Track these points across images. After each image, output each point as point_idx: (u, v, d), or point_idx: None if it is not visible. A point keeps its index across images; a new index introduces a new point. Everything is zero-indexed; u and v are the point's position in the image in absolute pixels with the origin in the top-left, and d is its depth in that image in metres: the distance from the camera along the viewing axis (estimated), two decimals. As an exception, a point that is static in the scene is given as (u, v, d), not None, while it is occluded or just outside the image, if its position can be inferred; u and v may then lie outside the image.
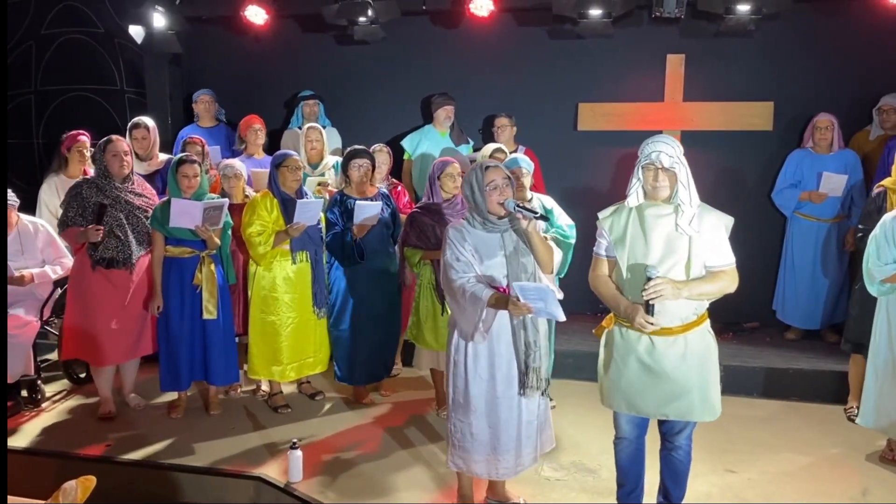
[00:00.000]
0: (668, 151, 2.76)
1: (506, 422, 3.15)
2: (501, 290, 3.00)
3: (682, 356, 2.85)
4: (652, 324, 2.79)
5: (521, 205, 2.99)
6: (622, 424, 3.09)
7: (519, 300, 2.84)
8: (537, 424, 3.24)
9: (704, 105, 5.57)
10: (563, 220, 4.24)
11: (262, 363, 4.45)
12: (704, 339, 2.90)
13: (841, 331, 4.59)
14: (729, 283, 2.82)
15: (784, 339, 5.44)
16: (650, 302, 2.71)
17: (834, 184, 5.03)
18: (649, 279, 2.70)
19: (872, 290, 3.77)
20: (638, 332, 2.87)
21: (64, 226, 4.31)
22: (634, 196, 2.87)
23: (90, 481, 2.19)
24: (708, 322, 2.94)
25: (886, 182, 4.24)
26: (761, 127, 5.49)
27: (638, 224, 2.85)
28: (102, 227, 4.20)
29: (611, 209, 2.98)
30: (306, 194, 4.46)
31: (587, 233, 4.33)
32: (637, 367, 2.90)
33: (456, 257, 3.04)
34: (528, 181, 4.21)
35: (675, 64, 5.57)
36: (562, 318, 2.86)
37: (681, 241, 2.79)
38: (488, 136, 5.76)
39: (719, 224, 2.83)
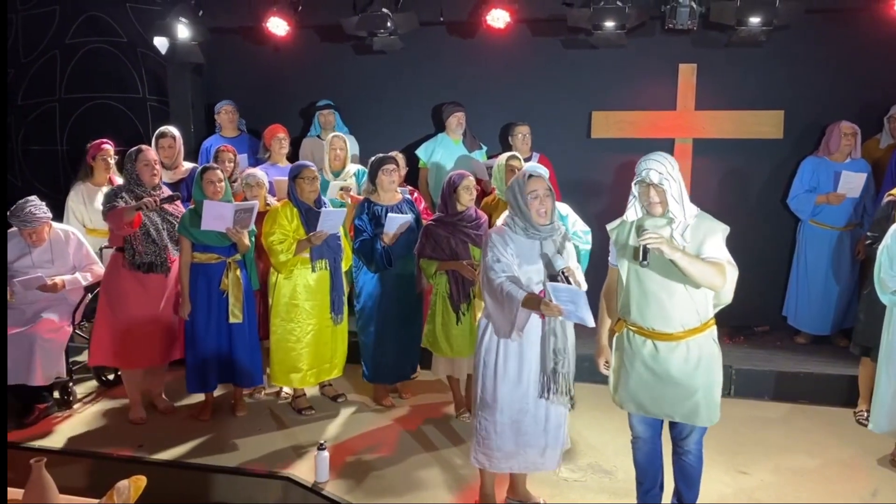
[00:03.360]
0: (658, 168, 2.86)
1: (532, 423, 3.28)
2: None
3: (684, 360, 2.95)
4: (607, 364, 3.17)
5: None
6: (635, 425, 3.22)
7: (551, 301, 2.95)
8: (559, 427, 3.37)
9: (716, 114, 5.67)
10: (579, 226, 4.35)
11: (282, 370, 4.56)
12: (708, 347, 3.00)
13: (851, 335, 4.68)
14: (718, 273, 2.80)
15: (794, 343, 5.53)
16: (647, 246, 2.76)
17: (852, 183, 5.07)
18: (644, 229, 2.81)
19: (885, 298, 3.85)
20: (643, 337, 3.01)
21: (112, 207, 4.31)
22: (633, 211, 3.00)
23: (141, 481, 2.33)
24: (713, 330, 3.03)
25: None
26: (772, 135, 5.59)
27: (636, 236, 2.95)
28: (158, 202, 4.35)
29: (617, 221, 3.12)
30: (325, 203, 4.58)
31: (601, 239, 4.46)
32: (642, 371, 3.03)
33: (496, 259, 3.15)
34: (544, 188, 4.33)
35: (687, 73, 5.67)
36: (591, 323, 2.96)
37: None
38: (503, 144, 5.89)
39: (717, 229, 2.92)
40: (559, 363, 3.22)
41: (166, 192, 4.57)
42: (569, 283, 3.02)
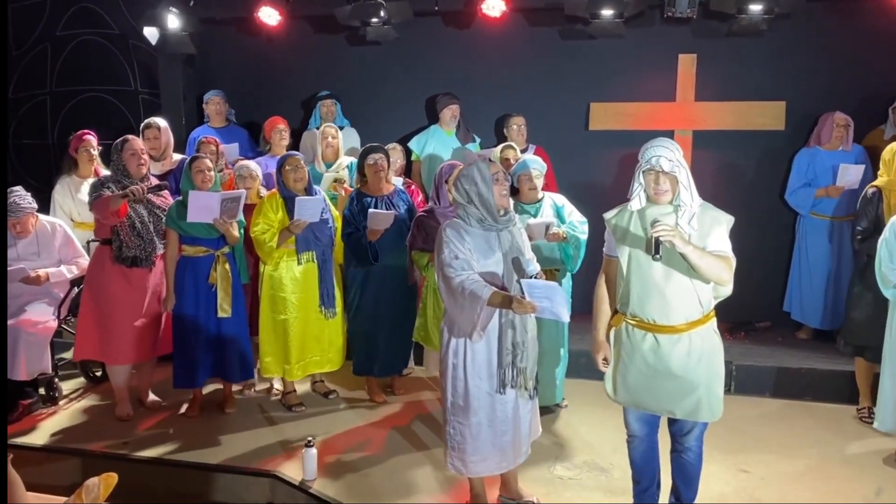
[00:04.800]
0: (667, 155, 2.76)
1: (504, 420, 3.17)
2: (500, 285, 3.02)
3: (686, 354, 2.85)
4: (606, 361, 3.01)
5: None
6: (631, 423, 3.12)
7: (524, 298, 2.84)
8: (530, 419, 3.28)
9: (716, 105, 5.56)
10: (575, 216, 4.26)
11: (274, 361, 4.51)
12: (710, 339, 2.91)
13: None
14: (727, 268, 2.77)
15: (796, 339, 5.43)
16: (660, 239, 2.67)
17: (851, 175, 4.98)
18: (656, 221, 2.72)
19: (888, 293, 3.76)
20: (643, 331, 2.90)
21: (98, 196, 4.19)
22: (637, 200, 2.89)
23: (112, 478, 2.23)
24: (714, 322, 2.94)
25: (879, 182, 4.24)
26: (773, 127, 5.48)
27: (640, 225, 2.87)
28: (145, 190, 4.24)
29: (615, 210, 3.01)
30: (316, 192, 4.49)
31: (598, 232, 4.37)
32: (642, 366, 2.92)
33: (455, 255, 3.01)
34: (540, 182, 4.24)
35: (686, 64, 5.56)
36: (566, 319, 2.89)
37: None
38: (499, 135, 5.78)
39: (721, 219, 2.85)
40: (517, 357, 3.10)
41: (154, 182, 4.47)
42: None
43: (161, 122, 5.26)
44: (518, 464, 3.33)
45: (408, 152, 5.74)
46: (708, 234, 2.80)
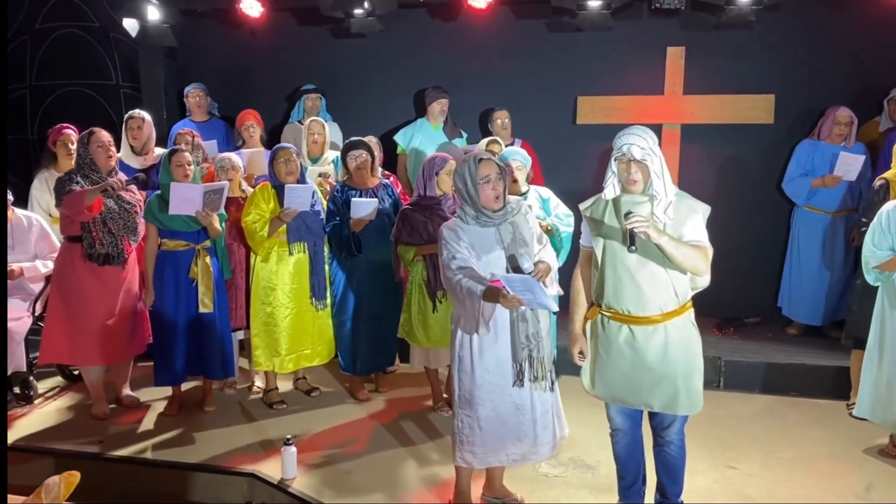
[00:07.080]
0: (639, 143, 2.71)
1: (516, 413, 3.13)
2: (501, 284, 2.95)
3: (663, 346, 2.81)
4: (582, 354, 2.97)
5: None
6: (613, 416, 3.08)
7: (508, 292, 2.79)
8: (552, 413, 3.23)
9: (705, 98, 5.51)
10: (561, 209, 4.20)
11: (265, 354, 4.44)
12: (687, 330, 2.86)
13: (843, 326, 4.52)
14: (702, 258, 2.72)
15: (786, 335, 5.38)
16: (635, 230, 2.61)
17: (850, 165, 4.91)
18: (630, 212, 2.66)
19: (869, 277, 3.75)
20: (618, 323, 2.86)
21: (69, 191, 4.02)
22: (611, 188, 2.84)
23: (74, 477, 2.13)
24: (691, 312, 2.89)
25: (888, 175, 4.18)
26: (763, 120, 5.44)
27: (614, 214, 2.82)
28: (123, 184, 4.14)
29: (590, 200, 2.97)
30: (308, 185, 4.42)
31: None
32: (618, 359, 2.88)
33: (452, 256, 3.02)
34: (523, 175, 4.16)
35: (675, 56, 5.51)
36: (553, 308, 2.87)
37: None
38: (484, 130, 5.71)
39: (697, 209, 2.81)
40: (534, 349, 3.07)
41: (122, 177, 4.32)
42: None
43: (145, 114, 5.17)
44: (537, 459, 3.28)
45: (393, 145, 5.66)
46: (683, 223, 2.75)
